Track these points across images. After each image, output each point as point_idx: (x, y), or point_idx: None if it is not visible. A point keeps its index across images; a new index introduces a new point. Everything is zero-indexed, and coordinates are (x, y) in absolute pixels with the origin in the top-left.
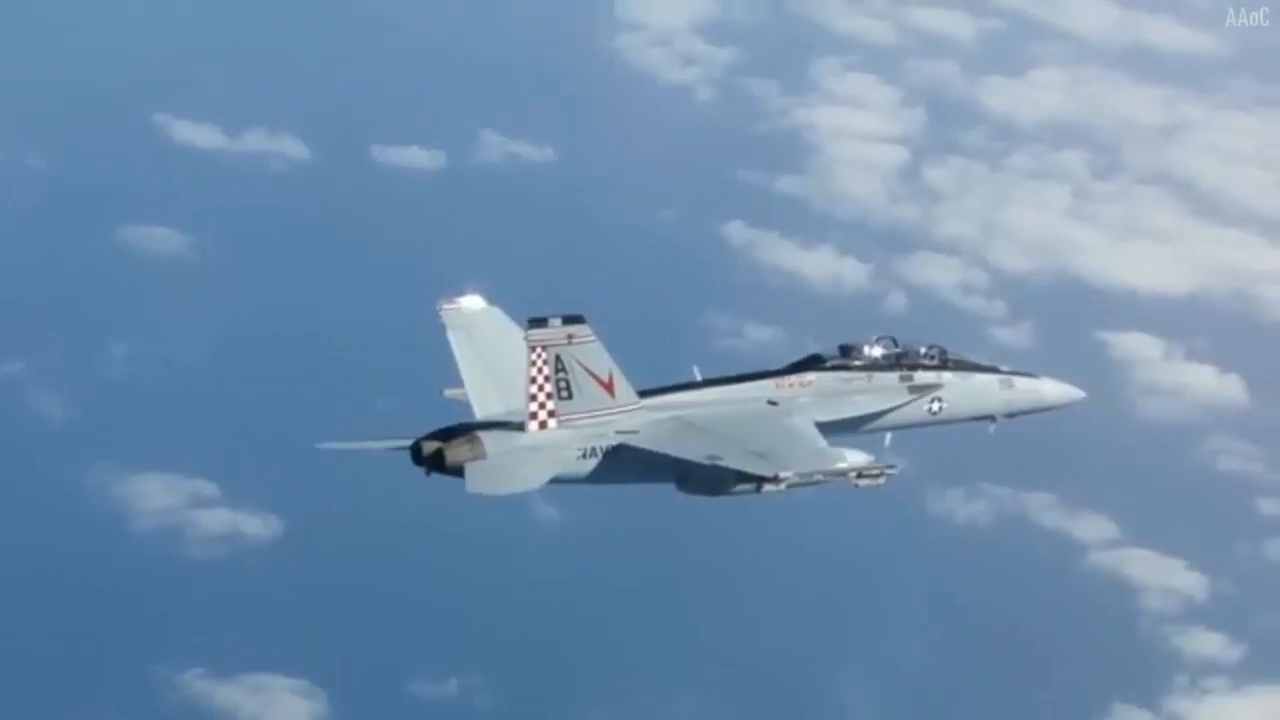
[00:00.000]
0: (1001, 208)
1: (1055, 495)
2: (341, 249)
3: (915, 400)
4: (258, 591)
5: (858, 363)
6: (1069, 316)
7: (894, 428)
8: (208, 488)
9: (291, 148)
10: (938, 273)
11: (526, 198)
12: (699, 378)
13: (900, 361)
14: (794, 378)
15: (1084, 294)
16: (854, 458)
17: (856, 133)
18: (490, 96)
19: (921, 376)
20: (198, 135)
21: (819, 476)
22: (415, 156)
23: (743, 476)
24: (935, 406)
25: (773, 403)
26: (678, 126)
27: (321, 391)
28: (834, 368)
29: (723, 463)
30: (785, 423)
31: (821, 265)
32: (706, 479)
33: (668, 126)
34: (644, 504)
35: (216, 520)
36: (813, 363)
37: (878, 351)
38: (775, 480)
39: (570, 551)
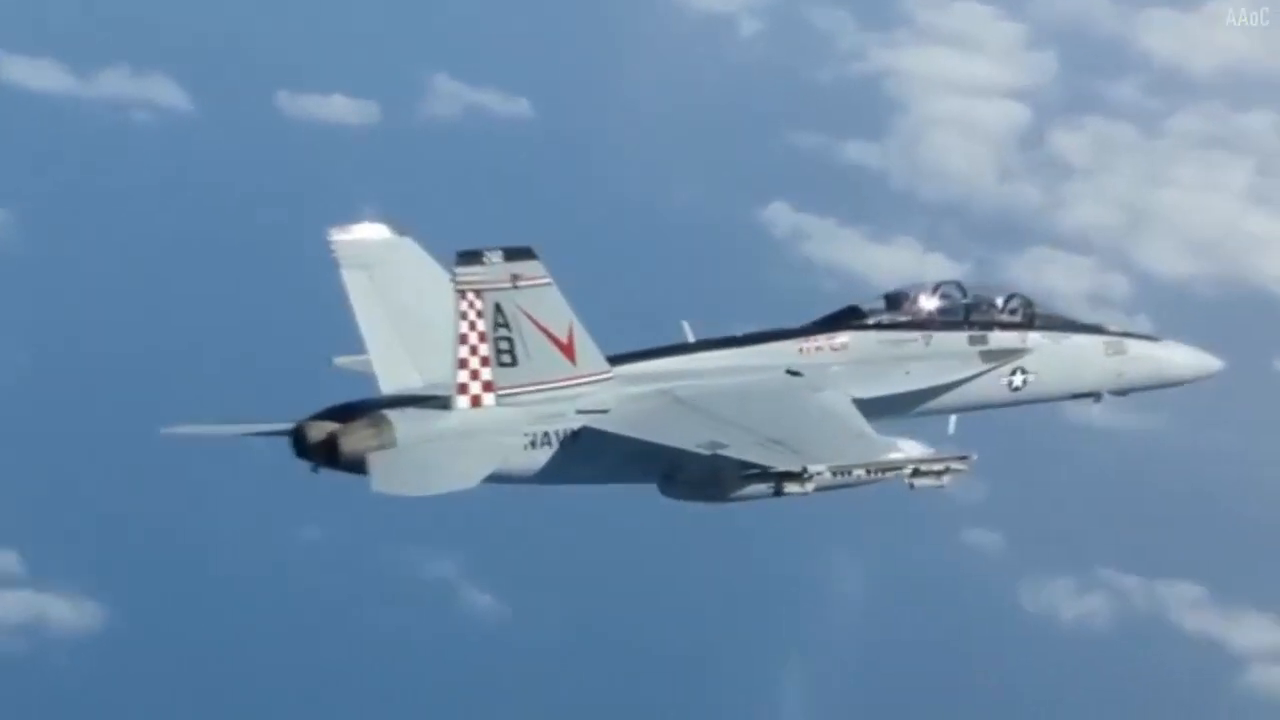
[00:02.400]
0: (1156, 189)
1: (1204, 587)
2: (227, 228)
3: (990, 370)
4: (69, 700)
5: (910, 318)
6: (1241, 339)
7: (960, 409)
8: (4, 560)
9: (164, 93)
10: (1060, 276)
11: (490, 165)
12: (691, 338)
13: (969, 317)
14: (822, 339)
15: (1265, 308)
16: (909, 448)
17: (959, 83)
18: (443, 31)
19: (999, 338)
20: (33, 74)
21: (860, 473)
22: (338, 108)
23: (753, 473)
24: (1018, 379)
25: (794, 372)
26: (707, 71)
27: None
28: (878, 325)
29: (727, 453)
30: (813, 399)
31: (898, 263)
32: (703, 477)
33: (693, 71)
34: (615, 517)
35: (15, 604)
36: (849, 318)
37: (938, 303)
38: (801, 478)
39: (517, 648)
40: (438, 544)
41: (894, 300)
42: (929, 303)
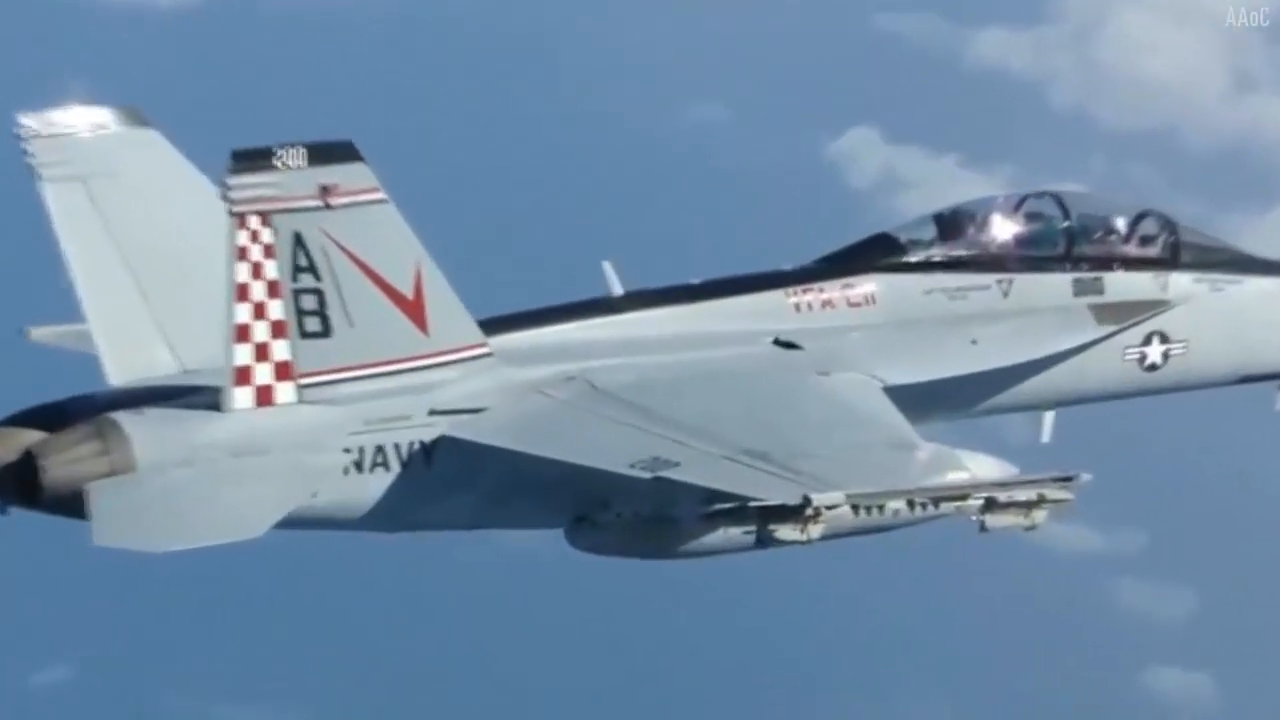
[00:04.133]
0: None
1: None
2: None
3: (1110, 337)
4: None
5: (977, 253)
6: None
7: (1061, 401)
8: None
9: None
10: None
11: (430, 59)
12: (619, 291)
13: (1073, 250)
14: (835, 287)
15: None
16: (978, 466)
17: None
18: None
19: (1122, 283)
20: None
21: (897, 507)
22: None
23: (721, 510)
24: (1155, 352)
25: (787, 344)
26: None
27: None
28: (924, 265)
29: (677, 476)
30: (817, 388)
31: None
32: (638, 517)
33: None
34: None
35: None
36: (877, 254)
37: (1020, 227)
38: (800, 516)
39: None
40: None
41: (949, 224)
42: (1006, 226)
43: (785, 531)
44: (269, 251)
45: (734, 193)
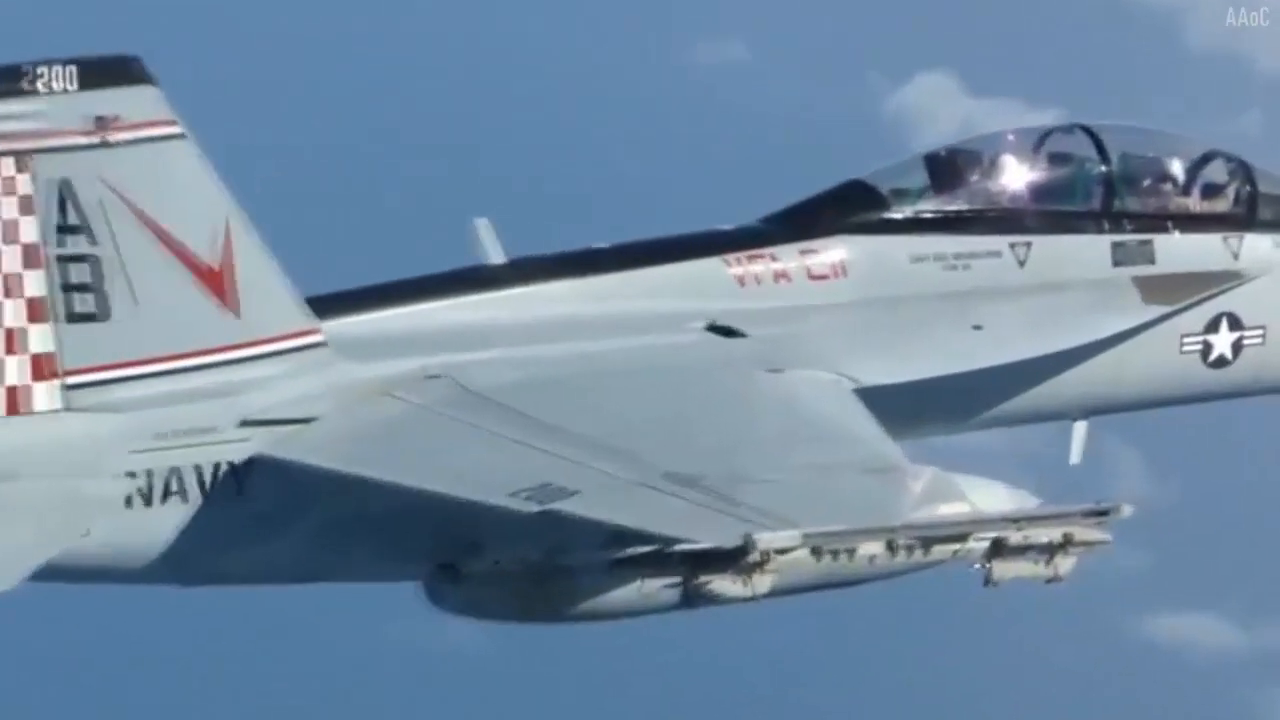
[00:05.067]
0: None
1: None
2: None
3: (1161, 321)
4: None
5: (981, 208)
6: None
7: (1094, 407)
8: None
9: None
10: None
11: None
12: (496, 255)
13: (1113, 204)
14: (790, 253)
15: None
16: (985, 495)
17: None
18: None
19: (1178, 249)
20: None
21: (874, 551)
22: None
23: (632, 558)
24: (1224, 342)
25: (726, 330)
26: None
27: None
28: (909, 224)
29: (570, 508)
30: (766, 391)
31: None
32: (523, 565)
33: None
34: None
35: None
36: (847, 208)
37: (1040, 172)
38: (745, 564)
39: None
40: None
41: (946, 168)
42: (1023, 171)
43: (722, 585)
44: (25, 205)
45: (766, 147)
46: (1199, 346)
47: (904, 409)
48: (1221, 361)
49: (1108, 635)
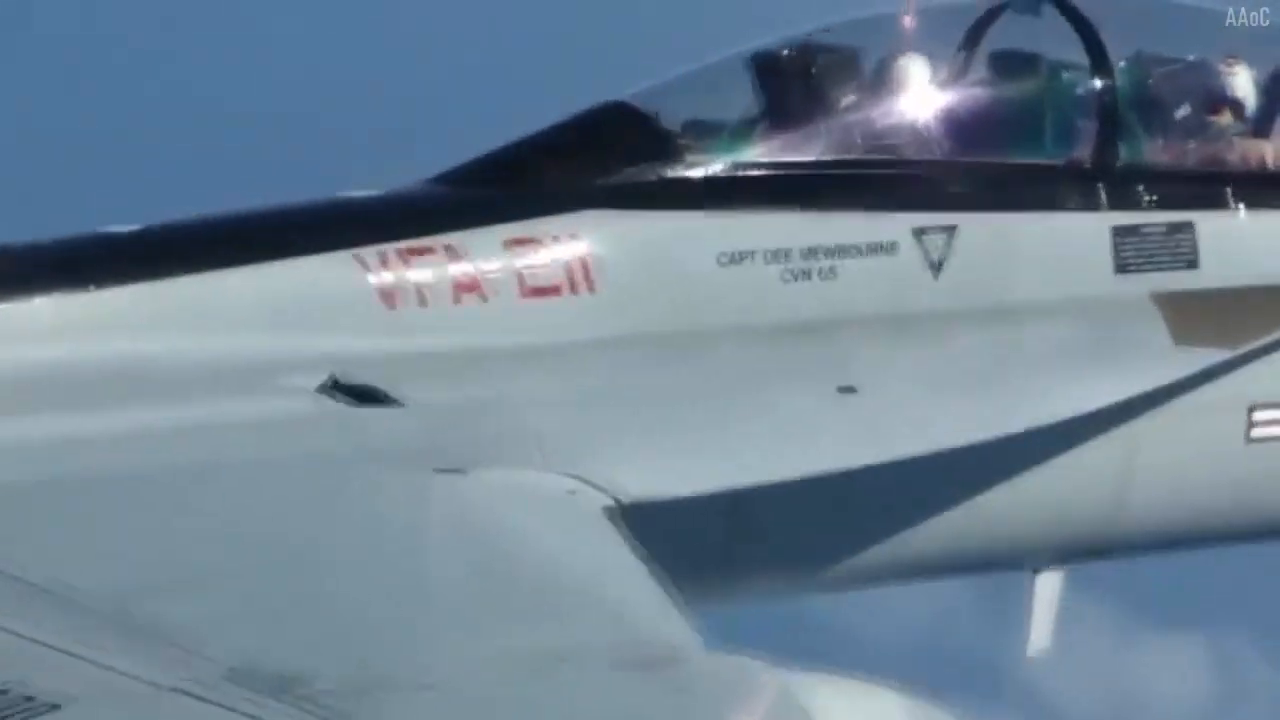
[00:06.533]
0: None
1: None
2: None
3: (1213, 377)
4: None
5: (859, 159)
6: None
7: (1085, 546)
8: None
9: None
10: None
11: None
12: None
13: (1112, 149)
14: (485, 242)
15: None
16: None
17: None
18: None
19: (1233, 240)
20: None
21: None
22: None
23: None
24: None
25: (362, 393)
26: None
27: None
28: (715, 187)
29: None
30: (439, 515)
31: None
32: None
33: None
34: None
35: None
36: (597, 155)
37: (982, 88)
38: None
39: None
40: None
41: (789, 80)
42: (939, 84)
43: None
44: None
45: None
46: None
47: (705, 546)
48: None
49: None
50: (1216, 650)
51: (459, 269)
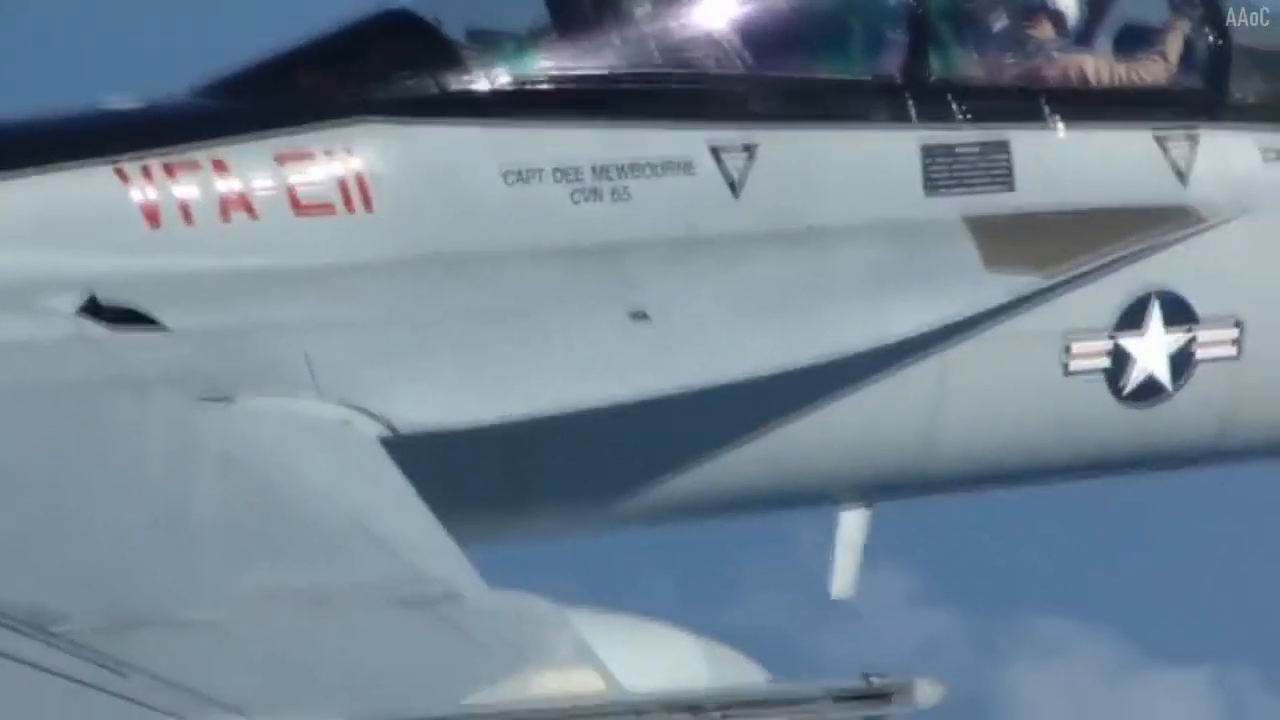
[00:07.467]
0: None
1: None
2: None
3: (1026, 304)
4: None
5: (653, 67)
6: None
7: (891, 481)
8: None
9: None
10: None
11: None
12: None
13: (922, 54)
14: (254, 158)
15: None
16: (654, 661)
17: None
18: None
19: (1049, 156)
20: None
21: None
22: None
23: None
24: (1157, 351)
25: (122, 314)
26: None
27: None
28: (498, 98)
29: None
30: (203, 443)
31: None
32: None
33: None
34: None
35: None
36: (374, 63)
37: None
38: None
39: None
40: None
41: None
42: None
43: None
44: None
45: None
46: (1103, 362)
47: (488, 478)
48: (1150, 390)
49: None
50: (1221, 686)
51: (227, 185)
